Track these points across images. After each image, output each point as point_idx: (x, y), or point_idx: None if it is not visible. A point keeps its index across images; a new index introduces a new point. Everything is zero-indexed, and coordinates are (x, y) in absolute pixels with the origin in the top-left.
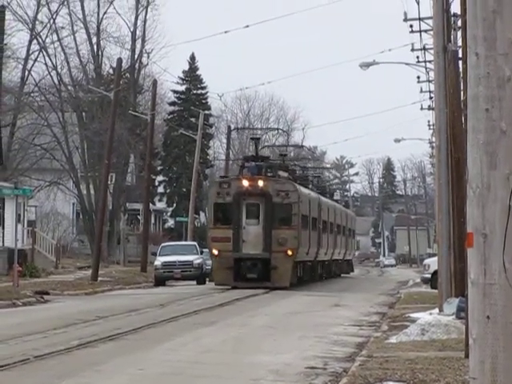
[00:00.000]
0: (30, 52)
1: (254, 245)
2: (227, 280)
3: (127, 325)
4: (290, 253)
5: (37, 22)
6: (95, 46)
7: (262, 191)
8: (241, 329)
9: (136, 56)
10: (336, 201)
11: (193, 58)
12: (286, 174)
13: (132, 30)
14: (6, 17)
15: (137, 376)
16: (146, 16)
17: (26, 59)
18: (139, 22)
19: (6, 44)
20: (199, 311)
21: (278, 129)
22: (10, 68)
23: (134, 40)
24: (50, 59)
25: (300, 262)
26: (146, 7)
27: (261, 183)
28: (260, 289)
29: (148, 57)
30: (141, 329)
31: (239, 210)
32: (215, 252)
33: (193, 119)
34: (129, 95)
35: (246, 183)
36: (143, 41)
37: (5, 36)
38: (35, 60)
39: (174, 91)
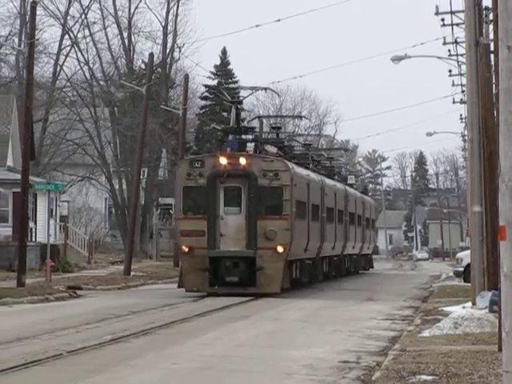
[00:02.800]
0: (62, 47)
1: (235, 240)
2: (201, 285)
3: (160, 319)
4: (280, 249)
5: (68, 17)
6: (126, 41)
7: (244, 171)
8: (274, 323)
9: (167, 51)
10: (350, 185)
11: (224, 52)
12: (275, 150)
13: (163, 24)
14: (38, 12)
15: (169, 370)
16: (177, 10)
17: (58, 54)
18: (170, 17)
19: (37, 39)
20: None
21: (300, 116)
22: (42, 63)
23: (165, 35)
24: (82, 54)
25: (295, 261)
26: (178, 1)
27: (243, 161)
28: (243, 296)
29: (179, 51)
30: (173, 323)
31: (215, 195)
32: (185, 249)
33: (224, 113)
34: (161, 90)
35: (223, 161)
36: (175, 35)
37: (37, 31)
38: (67, 55)
39: (206, 86)
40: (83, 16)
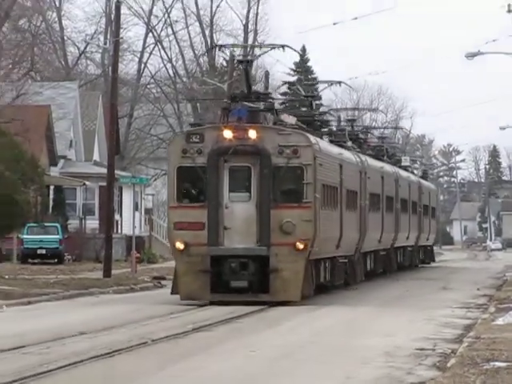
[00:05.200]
0: (146, 45)
1: (243, 234)
2: (200, 290)
3: (240, 309)
4: (300, 246)
5: (152, 17)
6: (208, 39)
7: (254, 147)
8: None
9: (248, 48)
10: (405, 168)
11: (303, 49)
12: (293, 121)
13: (244, 22)
14: (122, 11)
15: (249, 358)
16: (257, 9)
17: (142, 52)
18: (251, 15)
19: (122, 37)
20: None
21: (374, 109)
22: (127, 61)
23: (246, 32)
24: (165, 52)
25: (323, 260)
26: (258, 0)
27: (253, 134)
28: (253, 305)
29: (260, 49)
30: (254, 313)
31: (218, 177)
32: (180, 246)
33: (304, 109)
34: (241, 86)
35: (228, 134)
36: (255, 33)
37: (121, 30)
38: (151, 53)
39: (286, 82)
40: (166, 15)
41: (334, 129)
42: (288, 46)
